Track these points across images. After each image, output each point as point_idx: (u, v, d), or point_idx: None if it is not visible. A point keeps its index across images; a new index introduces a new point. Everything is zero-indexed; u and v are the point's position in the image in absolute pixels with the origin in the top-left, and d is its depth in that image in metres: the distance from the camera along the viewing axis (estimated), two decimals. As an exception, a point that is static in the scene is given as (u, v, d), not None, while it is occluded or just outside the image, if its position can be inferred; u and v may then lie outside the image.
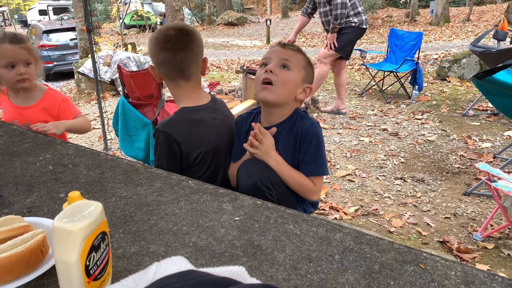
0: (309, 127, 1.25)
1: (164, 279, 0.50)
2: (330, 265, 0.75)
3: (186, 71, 1.34)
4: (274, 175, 1.22)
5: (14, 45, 1.59)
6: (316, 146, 1.25)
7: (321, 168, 1.26)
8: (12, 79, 1.62)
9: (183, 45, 1.31)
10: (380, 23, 15.12)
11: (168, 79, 1.37)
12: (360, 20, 4.19)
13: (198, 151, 1.33)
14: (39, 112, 1.71)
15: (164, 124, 1.34)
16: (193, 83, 1.38)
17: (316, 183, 1.26)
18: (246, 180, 1.19)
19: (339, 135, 3.97)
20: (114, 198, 1.00)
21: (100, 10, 20.09)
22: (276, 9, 22.41)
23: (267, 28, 13.63)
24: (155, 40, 1.33)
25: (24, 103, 1.72)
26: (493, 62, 3.34)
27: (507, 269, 1.91)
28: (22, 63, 1.62)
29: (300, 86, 1.28)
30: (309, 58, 1.35)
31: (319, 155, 1.25)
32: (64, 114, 1.74)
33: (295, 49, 1.30)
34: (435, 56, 7.82)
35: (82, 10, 6.99)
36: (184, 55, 1.32)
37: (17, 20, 35.01)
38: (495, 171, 2.15)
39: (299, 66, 1.27)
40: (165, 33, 1.32)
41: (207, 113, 1.38)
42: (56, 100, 1.75)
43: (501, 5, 16.92)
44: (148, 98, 3.00)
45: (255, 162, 1.24)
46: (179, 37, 1.31)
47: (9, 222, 0.76)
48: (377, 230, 2.30)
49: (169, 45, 1.30)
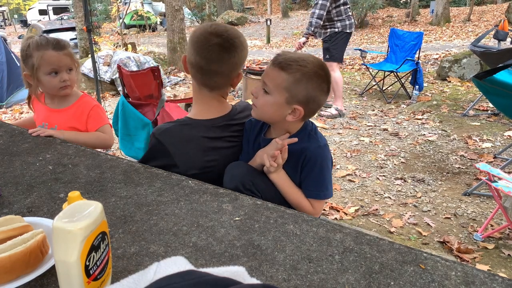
0: (315, 149, 1.19)
1: (164, 279, 0.50)
2: (330, 265, 0.74)
3: (211, 83, 1.28)
4: (259, 179, 1.18)
5: (58, 52, 1.56)
6: (319, 169, 1.19)
7: (322, 192, 1.20)
8: (56, 86, 1.60)
9: (219, 59, 1.22)
10: (380, 23, 15.12)
11: (194, 80, 1.31)
12: (343, 25, 4.42)
13: (191, 172, 1.24)
14: (69, 116, 1.67)
15: (161, 131, 1.28)
16: (215, 94, 1.31)
17: (315, 206, 1.22)
18: (229, 184, 1.17)
19: (339, 135, 3.97)
20: (114, 198, 1.00)
21: (100, 10, 20.09)
22: (276, 9, 22.41)
23: (267, 28, 13.63)
24: (196, 39, 1.23)
25: (57, 106, 1.69)
26: (493, 62, 3.34)
27: (507, 269, 1.91)
28: (65, 69, 1.60)
29: (284, 108, 1.15)
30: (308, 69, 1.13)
31: (322, 179, 1.20)
32: (91, 122, 1.68)
33: (280, 66, 1.13)
34: (436, 56, 7.82)
35: (82, 10, 6.99)
36: (216, 69, 1.23)
37: (17, 20, 35.04)
38: (496, 171, 2.15)
39: (279, 88, 1.14)
40: (208, 37, 1.21)
41: (211, 131, 1.29)
42: (88, 106, 1.69)
43: (501, 5, 16.92)
44: (148, 98, 3.00)
45: (239, 166, 1.22)
46: (219, 49, 1.20)
47: (9, 222, 0.76)
48: (377, 230, 2.30)
49: (205, 53, 1.21)
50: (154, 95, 2.98)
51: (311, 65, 1.13)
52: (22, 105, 6.79)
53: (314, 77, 1.13)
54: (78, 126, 1.68)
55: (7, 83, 6.88)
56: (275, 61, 1.15)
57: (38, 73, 1.57)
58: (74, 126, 1.66)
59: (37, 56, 1.54)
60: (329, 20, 4.38)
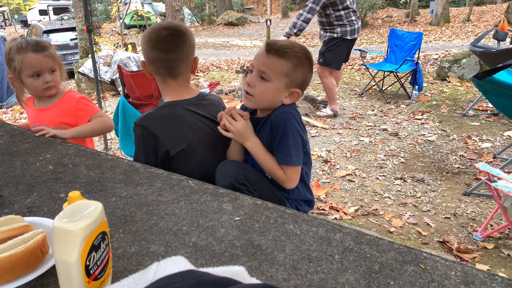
0: (279, 114, 1.24)
1: (164, 279, 0.50)
2: (330, 265, 0.75)
3: (175, 71, 1.38)
4: (250, 172, 1.23)
5: (38, 54, 1.57)
6: (282, 134, 1.22)
7: (286, 157, 1.23)
8: (39, 88, 1.61)
9: (174, 46, 1.34)
10: (380, 23, 15.13)
11: (157, 75, 1.41)
12: (343, 31, 4.22)
13: (179, 147, 1.34)
14: (56, 112, 1.68)
15: (142, 118, 1.37)
16: (180, 81, 1.42)
17: (286, 172, 1.25)
18: (222, 182, 1.20)
19: (339, 135, 3.97)
20: (114, 198, 1.00)
21: (100, 10, 20.09)
22: (276, 9, 22.42)
23: (267, 28, 13.58)
24: (148, 38, 1.36)
25: (43, 105, 1.71)
26: (493, 62, 3.34)
27: (507, 269, 1.91)
28: (47, 71, 1.60)
29: (282, 92, 1.25)
30: (301, 54, 1.24)
31: (284, 143, 1.23)
32: (81, 115, 1.70)
33: (279, 54, 1.21)
34: (435, 56, 7.82)
35: (82, 10, 6.99)
36: (174, 56, 1.35)
37: (18, 20, 35.04)
38: (495, 171, 2.15)
39: (279, 74, 1.22)
40: (158, 32, 1.34)
41: (187, 107, 1.40)
42: (73, 101, 1.71)
43: (501, 5, 16.93)
44: (148, 98, 3.00)
45: (230, 163, 1.28)
46: (171, 38, 1.33)
47: (9, 222, 0.76)
48: (377, 230, 2.30)
49: (160, 45, 1.33)
50: (154, 95, 2.98)
51: (302, 50, 1.25)
52: (22, 105, 6.79)
53: (306, 61, 1.25)
54: (67, 120, 1.69)
55: (7, 83, 6.88)
56: (270, 50, 1.22)
57: (21, 75, 1.59)
58: (63, 121, 1.67)
59: (18, 59, 1.56)
60: (329, 24, 4.27)
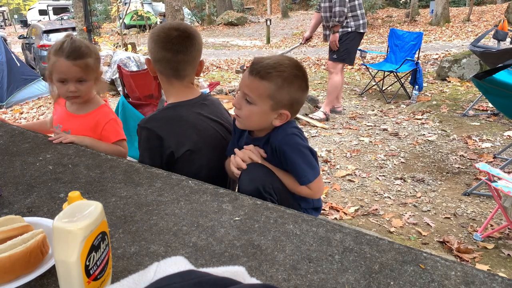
0: (279, 140, 1.19)
1: (164, 279, 0.50)
2: (330, 265, 0.75)
3: (181, 72, 1.38)
4: (276, 181, 1.19)
5: (69, 61, 1.51)
6: (291, 159, 1.18)
7: (304, 177, 1.19)
8: (64, 94, 1.59)
9: (183, 48, 1.33)
10: (380, 23, 15.12)
11: (162, 75, 1.41)
12: (356, 24, 4.20)
13: (184, 148, 1.34)
14: (84, 124, 1.63)
15: (146, 120, 1.36)
16: (185, 82, 1.42)
17: (311, 188, 1.22)
18: (248, 186, 1.16)
19: (339, 135, 3.97)
20: (114, 198, 1.00)
21: (100, 10, 20.10)
22: (276, 9, 22.42)
23: (267, 28, 13.64)
24: (157, 37, 1.34)
25: (75, 110, 1.67)
26: (493, 62, 3.34)
27: (507, 269, 1.91)
28: (74, 80, 1.54)
29: (269, 114, 1.17)
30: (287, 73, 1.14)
31: (298, 165, 1.18)
32: (106, 135, 1.64)
33: (260, 76, 1.13)
34: (435, 56, 7.82)
35: (82, 10, 7.00)
36: (182, 58, 1.34)
37: (17, 20, 35.05)
38: (495, 171, 2.15)
39: (262, 97, 1.14)
40: (168, 32, 1.33)
41: (192, 108, 1.40)
42: (104, 119, 1.64)
43: (501, 5, 16.92)
44: (148, 98, 3.00)
45: (258, 167, 1.20)
46: (181, 39, 1.32)
47: (9, 222, 0.76)
48: (377, 230, 2.30)
49: (169, 45, 1.32)
50: (154, 95, 2.98)
51: (288, 69, 1.14)
52: (22, 105, 6.80)
53: (294, 79, 1.15)
54: (90, 134, 1.62)
55: (7, 83, 6.87)
56: (253, 71, 1.15)
57: (52, 77, 1.57)
58: (87, 135, 1.61)
59: (52, 60, 1.53)
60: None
